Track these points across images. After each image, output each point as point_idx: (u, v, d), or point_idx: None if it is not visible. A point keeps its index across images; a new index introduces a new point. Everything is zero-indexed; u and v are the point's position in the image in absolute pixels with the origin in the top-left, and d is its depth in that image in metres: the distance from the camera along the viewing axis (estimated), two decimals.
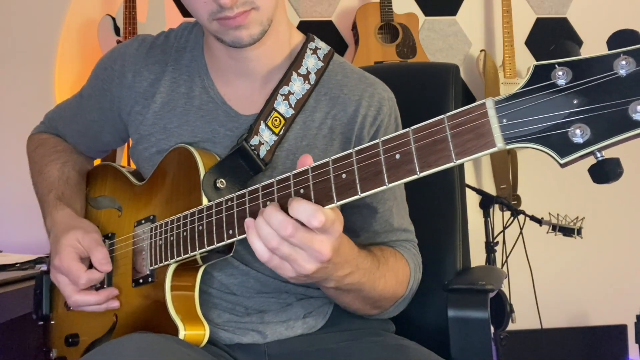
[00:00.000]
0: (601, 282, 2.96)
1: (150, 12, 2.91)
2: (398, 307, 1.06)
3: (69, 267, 1.00)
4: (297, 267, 0.77)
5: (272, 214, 0.76)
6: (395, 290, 1.00)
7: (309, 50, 1.06)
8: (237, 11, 0.90)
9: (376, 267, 0.94)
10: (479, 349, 1.09)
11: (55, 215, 1.10)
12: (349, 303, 1.00)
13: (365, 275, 0.91)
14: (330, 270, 0.82)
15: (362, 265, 0.90)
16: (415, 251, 1.10)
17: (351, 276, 0.87)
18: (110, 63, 1.13)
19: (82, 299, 1.01)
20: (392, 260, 1.01)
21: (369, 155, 0.72)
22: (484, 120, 0.63)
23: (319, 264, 0.77)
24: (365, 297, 0.97)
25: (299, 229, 0.75)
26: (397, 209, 1.09)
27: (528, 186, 2.93)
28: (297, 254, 0.76)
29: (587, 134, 0.57)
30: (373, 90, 1.08)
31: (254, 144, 0.98)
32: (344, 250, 0.83)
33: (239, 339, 1.03)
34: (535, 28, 3.08)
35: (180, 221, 0.94)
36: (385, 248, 1.03)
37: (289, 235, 0.75)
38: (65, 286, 1.02)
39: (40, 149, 1.24)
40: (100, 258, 1.02)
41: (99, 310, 1.03)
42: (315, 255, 0.76)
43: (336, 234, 0.77)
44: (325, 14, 3.01)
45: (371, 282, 0.93)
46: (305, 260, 0.77)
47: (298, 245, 0.76)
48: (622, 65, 0.55)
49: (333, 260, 0.80)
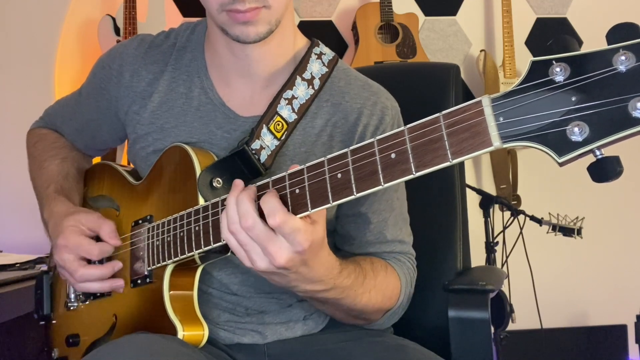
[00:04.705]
0: (601, 282, 2.96)
1: (150, 12, 2.91)
2: (390, 319, 1.05)
3: (78, 242, 1.01)
4: (251, 259, 0.79)
5: (242, 201, 0.78)
6: (381, 304, 1.00)
7: (314, 55, 1.05)
8: (248, 6, 0.90)
9: (360, 284, 0.94)
10: (479, 349, 1.09)
11: (53, 207, 1.09)
12: (328, 312, 1.02)
13: (343, 292, 0.91)
14: (292, 281, 0.83)
15: (342, 284, 0.90)
16: (410, 264, 1.08)
17: (324, 293, 0.89)
18: (108, 62, 1.12)
19: (88, 271, 1.01)
20: (382, 274, 1.00)
21: (365, 154, 0.71)
22: (480, 118, 0.62)
23: (270, 265, 0.78)
24: (345, 310, 0.97)
25: (258, 225, 0.76)
26: (394, 220, 1.07)
27: (528, 186, 2.93)
28: (251, 246, 0.78)
29: (586, 131, 0.56)
30: (376, 98, 1.06)
31: (255, 148, 0.97)
32: (318, 269, 0.83)
33: (239, 339, 1.03)
34: (535, 28, 3.07)
35: (177, 222, 0.94)
36: (376, 261, 1.02)
37: (247, 227, 0.77)
38: (71, 263, 1.01)
39: (39, 144, 1.24)
40: (109, 231, 1.03)
41: (103, 288, 1.03)
42: (268, 255, 0.78)
43: (297, 247, 0.77)
44: (325, 14, 3.01)
45: (351, 298, 0.93)
46: (258, 256, 0.79)
47: (254, 240, 0.78)
48: (621, 60, 0.54)
49: (297, 271, 0.80)
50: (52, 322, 1.20)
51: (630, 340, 2.80)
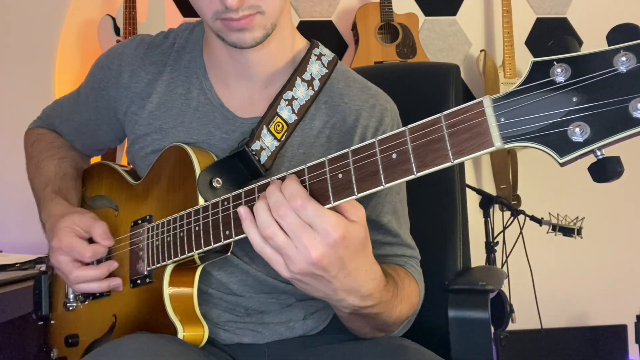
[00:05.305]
0: (601, 282, 2.96)
1: (150, 12, 2.91)
2: (404, 328, 1.03)
3: (71, 244, 1.01)
4: (288, 260, 0.74)
5: (273, 192, 0.74)
6: (407, 314, 0.97)
7: (314, 56, 1.05)
8: (242, 14, 0.89)
9: (395, 296, 0.90)
10: (479, 349, 1.09)
11: (51, 207, 1.09)
12: (359, 328, 0.96)
13: (385, 306, 0.87)
14: (337, 289, 0.78)
15: (385, 297, 0.86)
16: (419, 269, 1.07)
17: (372, 308, 0.85)
18: (107, 62, 1.12)
19: (83, 273, 1.01)
20: (407, 282, 0.98)
21: (366, 155, 0.71)
22: (481, 119, 0.62)
23: (307, 263, 0.73)
24: (376, 325, 0.93)
25: (290, 213, 0.72)
26: (398, 223, 1.06)
27: (528, 186, 2.93)
28: (288, 246, 0.73)
29: (587, 132, 0.56)
30: (375, 101, 1.06)
31: (255, 149, 0.96)
32: (363, 279, 0.79)
33: (239, 339, 1.03)
34: (535, 28, 3.07)
35: (177, 222, 0.94)
36: (399, 269, 1.00)
37: (281, 215, 0.73)
38: (66, 264, 1.01)
39: (37, 144, 1.24)
40: (101, 232, 1.03)
41: (101, 288, 1.03)
42: (303, 250, 0.73)
43: (327, 237, 0.72)
44: (325, 14, 3.01)
45: (389, 311, 0.89)
46: (294, 253, 0.73)
47: (289, 230, 0.73)
48: (622, 61, 0.54)
49: (336, 275, 0.76)
50: (51, 322, 1.20)
51: (630, 340, 2.80)
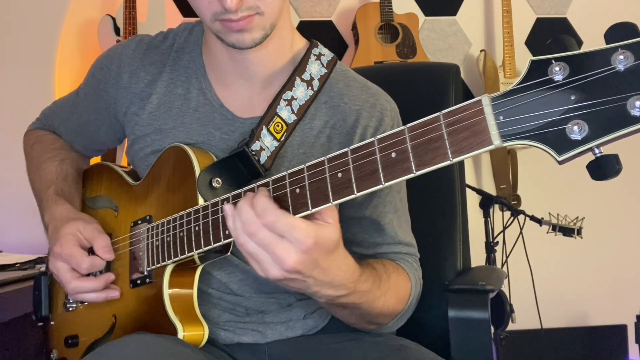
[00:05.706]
0: (601, 282, 2.95)
1: (150, 12, 2.91)
2: (397, 322, 1.03)
3: (70, 253, 1.00)
4: (263, 269, 0.77)
5: (243, 209, 0.76)
6: (394, 307, 0.98)
7: (313, 56, 1.04)
8: (240, 15, 0.89)
9: (377, 287, 0.92)
10: (479, 349, 1.09)
11: (54, 210, 1.09)
12: (344, 317, 0.98)
13: (363, 296, 0.89)
14: (311, 286, 0.80)
15: (361, 287, 0.87)
16: (417, 265, 1.08)
17: (345, 297, 0.86)
18: (107, 63, 1.12)
19: (80, 284, 1.01)
20: (394, 276, 0.99)
21: (365, 154, 0.71)
22: (480, 117, 0.62)
23: (283, 271, 0.76)
24: (361, 315, 0.95)
25: (262, 230, 0.74)
26: (399, 222, 1.06)
27: (528, 186, 2.93)
28: (261, 255, 0.76)
29: (585, 130, 0.56)
30: (374, 100, 1.06)
31: (255, 150, 0.96)
32: (337, 273, 0.81)
33: (239, 339, 1.03)
34: (535, 28, 3.07)
35: (177, 222, 0.94)
36: (387, 263, 1.01)
37: (252, 232, 0.75)
38: (64, 273, 1.01)
39: (37, 145, 1.24)
40: (102, 245, 1.02)
41: (98, 299, 1.02)
42: (277, 260, 0.75)
43: (300, 245, 0.74)
44: (325, 14, 3.01)
45: (369, 302, 0.91)
46: (269, 264, 0.76)
47: (261, 246, 0.76)
48: (620, 59, 0.55)
49: (312, 275, 0.78)
50: (51, 323, 1.20)
51: (630, 340, 2.80)
